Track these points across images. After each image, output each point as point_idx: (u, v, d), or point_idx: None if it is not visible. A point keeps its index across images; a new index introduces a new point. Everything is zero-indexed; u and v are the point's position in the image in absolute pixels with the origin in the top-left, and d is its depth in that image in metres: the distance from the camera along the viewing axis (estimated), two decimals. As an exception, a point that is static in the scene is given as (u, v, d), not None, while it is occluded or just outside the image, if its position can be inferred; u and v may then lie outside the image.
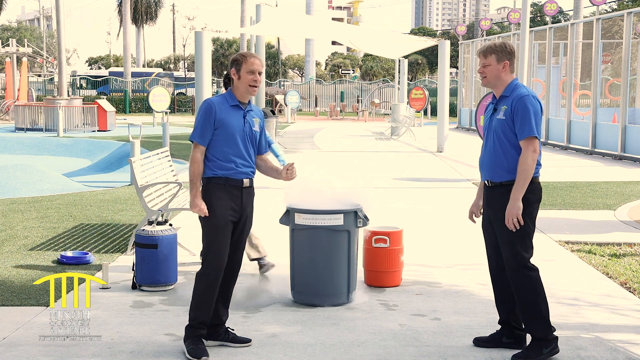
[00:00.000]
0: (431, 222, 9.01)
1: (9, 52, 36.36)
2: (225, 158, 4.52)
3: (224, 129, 4.51)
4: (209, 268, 4.53)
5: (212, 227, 4.52)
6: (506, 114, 4.43)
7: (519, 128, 4.37)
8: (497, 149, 4.46)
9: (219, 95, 4.65)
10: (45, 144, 22.10)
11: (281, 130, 25.08)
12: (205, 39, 13.19)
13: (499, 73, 4.49)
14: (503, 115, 4.44)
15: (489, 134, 4.54)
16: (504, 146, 4.43)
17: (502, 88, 4.52)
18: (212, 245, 4.53)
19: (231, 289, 4.75)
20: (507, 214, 4.36)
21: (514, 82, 4.52)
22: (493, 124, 4.51)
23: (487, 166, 4.53)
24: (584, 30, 24.07)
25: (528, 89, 4.53)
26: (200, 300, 4.52)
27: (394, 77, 44.27)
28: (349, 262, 5.53)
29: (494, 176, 4.49)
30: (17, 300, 5.60)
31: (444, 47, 18.05)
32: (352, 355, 4.53)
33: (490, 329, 4.93)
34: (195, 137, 4.53)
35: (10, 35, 58.14)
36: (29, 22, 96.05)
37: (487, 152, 4.55)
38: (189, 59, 73.41)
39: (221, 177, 4.53)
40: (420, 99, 31.16)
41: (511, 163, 4.41)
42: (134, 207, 9.74)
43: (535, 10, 53.09)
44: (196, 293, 4.55)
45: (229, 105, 4.57)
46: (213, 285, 4.53)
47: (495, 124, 4.48)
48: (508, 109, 4.42)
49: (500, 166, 4.45)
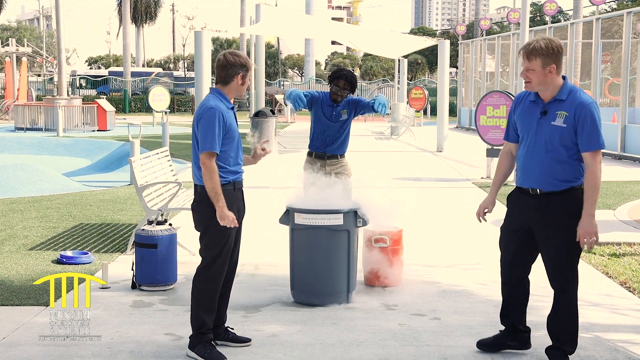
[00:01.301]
0: (431, 221, 9.01)
1: (8, 51, 36.35)
2: (233, 163, 4.47)
3: (231, 134, 4.43)
4: (216, 273, 4.46)
5: (224, 234, 4.44)
6: (567, 121, 4.08)
7: (585, 139, 4.05)
8: (550, 157, 4.13)
9: (215, 99, 4.46)
10: (45, 144, 22.09)
11: (281, 130, 25.07)
12: (205, 39, 13.17)
13: (545, 78, 4.12)
14: (563, 123, 4.09)
15: (537, 139, 4.16)
16: (560, 155, 4.12)
17: (552, 91, 4.16)
18: (222, 251, 4.46)
19: (230, 289, 4.74)
20: (583, 233, 4.05)
21: (568, 85, 4.17)
22: (545, 129, 4.14)
23: (537, 174, 4.18)
24: (583, 30, 24.08)
25: (585, 93, 4.21)
26: (206, 305, 4.46)
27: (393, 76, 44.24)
28: (349, 261, 5.53)
29: (545, 185, 4.17)
30: (17, 300, 5.60)
31: (444, 46, 18.05)
32: (352, 355, 4.53)
33: (490, 328, 4.93)
34: (215, 147, 4.31)
35: (10, 35, 58.07)
36: (28, 22, 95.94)
37: (534, 159, 4.18)
38: (188, 59, 73.36)
39: (231, 182, 4.46)
40: (420, 98, 31.17)
41: (567, 173, 4.12)
42: (133, 206, 9.74)
43: (534, 10, 53.07)
44: (201, 299, 4.46)
45: (228, 108, 4.47)
46: (218, 289, 4.50)
47: (550, 131, 4.12)
48: (570, 117, 4.08)
49: (554, 175, 4.14)
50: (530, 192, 4.23)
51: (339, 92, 6.25)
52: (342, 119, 6.31)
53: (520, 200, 4.32)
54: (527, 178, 4.24)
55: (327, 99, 6.33)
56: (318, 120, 6.35)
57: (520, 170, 4.30)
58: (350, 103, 6.33)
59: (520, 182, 4.30)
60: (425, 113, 33.70)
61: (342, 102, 6.31)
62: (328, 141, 6.34)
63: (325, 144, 6.34)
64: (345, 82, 6.24)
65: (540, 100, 4.21)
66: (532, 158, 4.20)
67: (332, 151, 6.36)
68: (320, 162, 6.34)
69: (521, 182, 4.29)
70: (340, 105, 6.31)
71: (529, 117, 4.23)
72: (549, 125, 4.13)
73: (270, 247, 7.25)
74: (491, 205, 4.51)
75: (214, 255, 4.46)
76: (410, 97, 30.82)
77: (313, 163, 6.35)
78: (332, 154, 6.36)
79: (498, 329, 4.68)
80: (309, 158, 6.43)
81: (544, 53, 4.07)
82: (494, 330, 4.76)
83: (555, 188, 4.14)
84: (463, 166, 15.01)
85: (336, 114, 6.30)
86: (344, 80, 6.24)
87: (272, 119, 16.75)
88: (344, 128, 6.36)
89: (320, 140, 6.35)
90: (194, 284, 4.52)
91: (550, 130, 4.12)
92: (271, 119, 16.68)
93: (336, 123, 6.31)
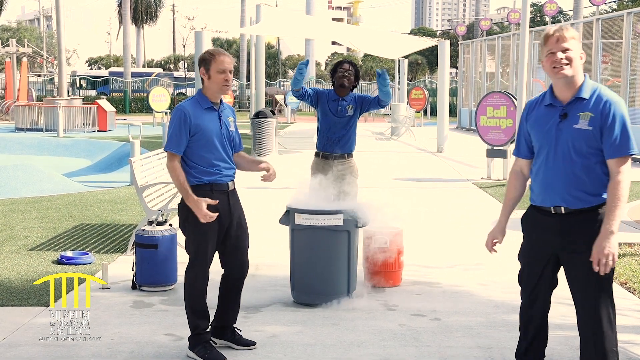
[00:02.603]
0: (431, 222, 9.01)
1: (9, 52, 36.39)
2: (207, 163, 4.38)
3: (201, 134, 4.34)
4: (197, 274, 4.44)
5: (198, 234, 4.39)
6: (593, 123, 3.45)
7: (614, 143, 3.43)
8: (576, 167, 3.49)
9: (189, 99, 4.43)
10: (45, 144, 22.11)
11: (281, 130, 25.07)
12: (205, 39, 13.22)
13: (579, 64, 3.50)
14: (589, 125, 3.45)
15: (558, 147, 3.52)
16: (588, 163, 3.48)
17: (573, 87, 3.53)
18: (198, 252, 4.43)
19: (235, 291, 4.67)
20: (599, 253, 3.40)
21: (590, 81, 3.56)
22: (567, 134, 3.50)
23: (560, 189, 3.52)
24: (583, 30, 24.04)
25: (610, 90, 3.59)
26: (194, 307, 4.45)
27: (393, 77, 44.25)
28: (349, 262, 5.53)
29: (573, 202, 3.50)
30: (17, 301, 5.60)
31: (444, 47, 18.06)
32: (352, 356, 4.53)
33: (490, 329, 4.93)
34: (172, 147, 4.30)
35: (10, 35, 58.12)
36: (28, 23, 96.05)
37: (557, 171, 3.53)
38: (189, 59, 73.37)
39: (207, 184, 4.38)
40: (420, 99, 31.19)
41: (596, 185, 3.49)
42: (133, 207, 9.74)
43: (535, 10, 53.07)
44: (188, 301, 4.46)
45: (203, 108, 4.38)
46: (202, 291, 4.46)
47: (573, 136, 3.48)
48: (596, 117, 3.45)
49: (582, 189, 3.50)
50: (553, 211, 3.57)
51: (345, 74, 6.29)
52: (348, 114, 6.32)
53: (539, 222, 3.65)
54: (548, 195, 3.57)
55: (332, 94, 6.36)
56: (324, 117, 6.36)
57: (538, 187, 3.62)
58: (356, 99, 6.36)
59: (539, 201, 3.63)
60: (426, 113, 33.70)
61: (348, 98, 6.33)
62: (334, 139, 6.33)
63: (332, 141, 6.34)
64: (348, 64, 6.34)
65: (558, 101, 3.57)
66: (553, 170, 3.54)
67: (339, 150, 6.35)
68: (327, 162, 6.34)
69: (541, 201, 3.62)
70: (347, 100, 6.32)
71: (546, 123, 3.58)
72: (571, 130, 3.49)
73: (270, 248, 7.25)
74: (501, 235, 3.86)
75: (192, 257, 4.46)
76: (410, 98, 30.84)
77: (320, 163, 6.35)
78: (339, 153, 6.36)
79: (498, 329, 4.68)
80: (316, 159, 6.44)
81: (576, 36, 3.52)
82: (494, 331, 4.77)
83: (585, 204, 3.51)
84: (463, 167, 15.01)
85: (342, 109, 6.31)
86: (347, 63, 6.35)
87: (272, 119, 16.76)
88: (350, 125, 6.36)
89: (327, 138, 6.35)
90: (184, 289, 4.51)
91: (574, 135, 3.48)
92: (271, 119, 16.69)
93: (342, 119, 6.32)
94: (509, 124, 12.74)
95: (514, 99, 12.92)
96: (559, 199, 3.53)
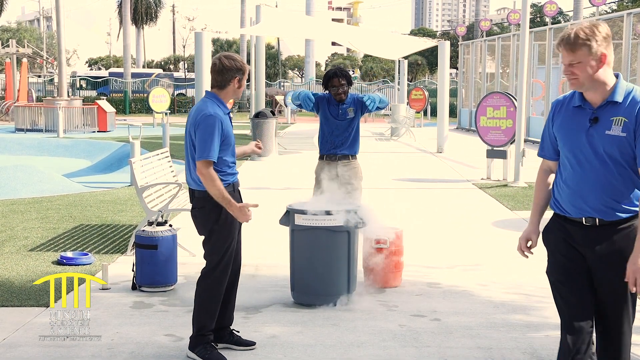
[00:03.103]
0: (431, 222, 9.01)
1: (9, 52, 36.38)
2: (226, 165, 4.46)
3: (228, 139, 4.43)
4: (220, 276, 4.47)
5: (228, 238, 4.46)
6: (627, 128, 3.16)
7: None
8: (611, 176, 3.21)
9: (213, 104, 4.43)
10: (45, 145, 22.10)
11: (281, 131, 25.08)
12: (205, 40, 13.19)
13: (596, 71, 3.18)
14: (622, 131, 3.16)
15: (589, 154, 3.24)
16: (623, 172, 3.20)
17: (603, 90, 3.22)
18: (226, 254, 4.47)
19: (234, 293, 4.73)
20: (635, 272, 3.12)
21: (623, 82, 3.26)
22: (599, 141, 3.21)
23: (593, 199, 3.24)
24: (583, 31, 24.04)
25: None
26: (210, 307, 4.47)
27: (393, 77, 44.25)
28: (349, 262, 5.53)
29: (607, 212, 3.22)
30: (17, 301, 5.60)
31: (444, 47, 18.07)
32: (352, 356, 4.53)
33: (490, 329, 4.93)
34: (213, 156, 4.31)
35: (10, 36, 58.13)
36: (28, 23, 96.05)
37: (588, 180, 3.25)
38: (189, 60, 73.40)
39: (230, 184, 4.48)
40: (420, 99, 31.20)
41: (632, 195, 3.22)
42: (133, 207, 9.74)
43: (535, 11, 53.10)
44: (205, 301, 4.46)
45: (224, 113, 4.44)
46: (222, 293, 4.50)
47: (605, 142, 3.19)
48: (630, 123, 3.16)
49: (619, 199, 3.21)
50: (584, 222, 3.28)
51: (339, 90, 6.30)
52: (349, 117, 6.34)
53: (567, 234, 3.35)
54: (578, 206, 3.28)
55: (332, 98, 6.37)
56: (326, 121, 6.38)
57: (568, 196, 3.32)
58: (356, 101, 6.37)
59: (568, 212, 3.33)
60: (426, 114, 33.72)
61: (348, 100, 6.34)
62: (337, 142, 6.36)
63: (335, 145, 6.37)
64: (336, 78, 6.31)
65: (588, 104, 3.27)
66: (584, 179, 3.26)
67: (343, 152, 6.37)
68: (331, 164, 6.36)
69: (570, 211, 3.32)
70: (347, 103, 6.34)
71: (575, 128, 3.28)
72: (603, 136, 3.20)
73: (270, 248, 7.26)
74: (535, 235, 3.54)
75: (218, 259, 4.47)
76: (410, 98, 30.84)
77: (325, 166, 6.38)
78: (343, 154, 6.38)
79: (498, 329, 4.68)
80: (320, 161, 6.47)
81: (590, 39, 3.14)
82: (494, 332, 4.77)
83: (620, 216, 3.23)
84: (463, 167, 15.02)
85: (342, 112, 6.33)
86: (335, 77, 6.32)
87: (272, 120, 16.76)
88: (352, 127, 6.38)
89: (330, 141, 6.38)
90: (199, 287, 4.51)
91: (606, 141, 3.19)
92: (271, 120, 16.69)
93: (343, 121, 6.34)
94: (509, 124, 12.75)
95: (514, 99, 12.93)
96: (591, 209, 3.25)
